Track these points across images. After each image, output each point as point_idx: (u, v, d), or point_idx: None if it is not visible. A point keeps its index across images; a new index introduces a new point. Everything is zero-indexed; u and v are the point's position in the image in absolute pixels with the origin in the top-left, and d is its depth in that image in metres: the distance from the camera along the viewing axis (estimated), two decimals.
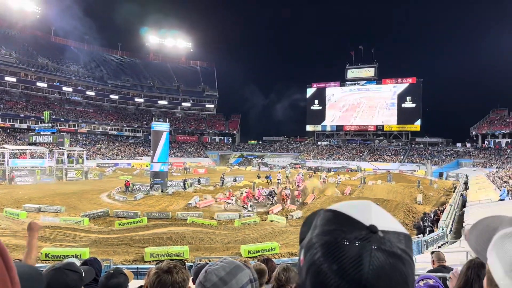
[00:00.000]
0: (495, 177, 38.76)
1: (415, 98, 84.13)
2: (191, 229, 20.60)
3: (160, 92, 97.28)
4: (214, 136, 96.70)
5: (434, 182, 45.86)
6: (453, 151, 73.86)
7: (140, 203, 30.55)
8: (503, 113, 75.17)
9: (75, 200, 29.98)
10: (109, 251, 16.43)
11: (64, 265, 2.12)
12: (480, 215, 8.21)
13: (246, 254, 16.09)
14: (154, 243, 17.46)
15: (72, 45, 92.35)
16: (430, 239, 17.02)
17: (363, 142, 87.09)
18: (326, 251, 0.67)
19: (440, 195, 37.48)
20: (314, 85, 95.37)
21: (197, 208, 27.96)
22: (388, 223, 0.71)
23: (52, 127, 53.52)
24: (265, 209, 28.34)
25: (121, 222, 22.29)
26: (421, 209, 27.52)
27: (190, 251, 16.22)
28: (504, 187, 28.25)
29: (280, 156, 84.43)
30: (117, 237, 18.80)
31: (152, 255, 15.34)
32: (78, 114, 78.16)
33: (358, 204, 0.75)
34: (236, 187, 40.04)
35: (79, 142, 69.41)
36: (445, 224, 19.28)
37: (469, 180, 42.39)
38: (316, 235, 0.70)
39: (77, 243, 17.43)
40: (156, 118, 42.11)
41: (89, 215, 23.76)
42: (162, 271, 1.81)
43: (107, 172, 53.87)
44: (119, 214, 24.99)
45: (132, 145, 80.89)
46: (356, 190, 37.96)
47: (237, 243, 18.25)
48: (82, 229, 20.33)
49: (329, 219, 0.71)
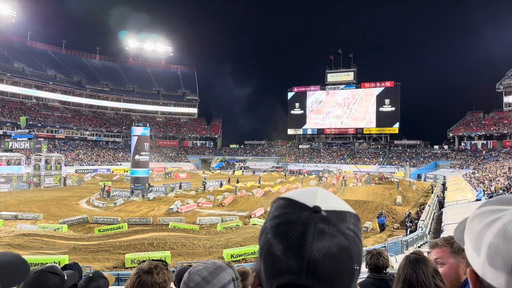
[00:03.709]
0: (472, 178, 39.68)
1: (393, 102, 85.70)
2: (172, 234, 20.43)
3: (140, 96, 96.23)
4: (196, 141, 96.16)
5: (412, 184, 46.68)
6: (430, 153, 75.35)
7: (120, 209, 30.14)
8: (478, 115, 77.14)
9: (53, 207, 29.40)
10: (89, 258, 16.16)
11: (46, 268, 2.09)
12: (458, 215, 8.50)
13: (229, 258, 16.05)
14: (135, 249, 17.25)
15: (49, 50, 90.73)
16: (410, 239, 17.29)
17: (343, 145, 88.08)
18: (275, 232, 0.72)
19: (419, 196, 38.16)
20: (295, 89, 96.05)
21: (179, 213, 27.76)
22: (333, 204, 0.76)
23: (28, 132, 52.42)
24: (247, 212, 28.31)
25: (101, 229, 21.98)
26: (400, 210, 27.96)
27: (172, 257, 16.08)
28: (480, 188, 28.95)
29: (262, 159, 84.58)
30: (97, 243, 18.48)
31: (133, 261, 15.13)
32: (55, 120, 76.62)
33: (306, 190, 0.80)
34: (218, 191, 39.92)
35: (57, 148, 68.07)
36: (425, 224, 19.63)
37: (447, 181, 43.28)
38: (269, 219, 0.75)
39: (56, 251, 17.08)
40: (136, 123, 41.59)
41: (68, 222, 23.34)
42: (143, 271, 1.80)
43: (86, 178, 52.90)
44: (99, 220, 24.63)
45: (112, 150, 79.75)
46: (337, 192, 38.30)
47: (220, 248, 18.18)
48: (61, 236, 19.92)
49: (280, 205, 0.77)
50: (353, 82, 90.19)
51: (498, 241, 0.72)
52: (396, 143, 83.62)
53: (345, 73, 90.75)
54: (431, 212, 23.96)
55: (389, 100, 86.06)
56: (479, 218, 0.80)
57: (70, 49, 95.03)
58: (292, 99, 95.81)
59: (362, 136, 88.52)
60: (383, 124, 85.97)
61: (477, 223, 0.79)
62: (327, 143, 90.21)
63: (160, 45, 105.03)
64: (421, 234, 18.25)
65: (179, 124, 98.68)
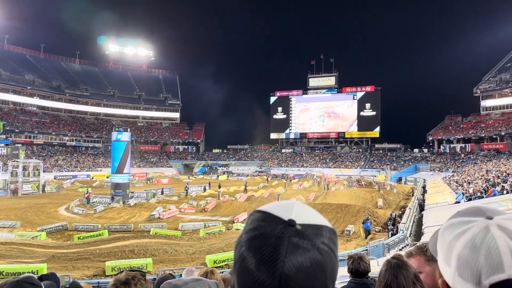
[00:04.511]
0: (451, 181, 40.44)
1: (374, 106, 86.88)
2: (154, 241, 20.19)
3: (120, 101, 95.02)
4: (178, 145, 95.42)
5: (393, 187, 47.28)
6: (411, 156, 76.55)
7: (100, 215, 29.68)
8: (457, 119, 78.80)
9: (31, 215, 28.76)
10: (68, 266, 15.82)
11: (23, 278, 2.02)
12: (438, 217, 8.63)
13: (212, 264, 15.93)
14: (115, 257, 16.97)
15: (28, 54, 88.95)
16: (391, 242, 17.47)
17: (325, 149, 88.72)
18: (249, 245, 0.71)
19: (399, 199, 38.66)
20: (277, 94, 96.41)
21: (160, 219, 27.48)
22: (309, 217, 0.75)
23: (6, 138, 51.27)
24: (230, 217, 28.19)
25: (80, 236, 21.62)
26: (382, 213, 28.26)
27: (154, 264, 15.88)
28: (460, 190, 29.52)
29: (245, 164, 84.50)
30: (76, 251, 18.12)
31: (113, 269, 14.87)
32: (34, 125, 75.01)
33: (282, 203, 0.79)
34: (201, 196, 39.70)
35: (35, 154, 66.61)
36: (405, 227, 19.87)
37: (427, 184, 43.98)
38: (244, 232, 0.75)
39: (34, 259, 16.68)
40: (117, 128, 41.07)
41: (47, 230, 22.88)
42: (120, 282, 1.75)
43: (65, 185, 51.89)
44: (78, 227, 24.21)
45: (92, 156, 78.49)
46: (320, 196, 38.53)
47: (202, 253, 18.05)
48: (39, 244, 19.48)
49: (255, 218, 0.76)
50: (335, 86, 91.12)
51: (466, 252, 0.75)
52: (377, 147, 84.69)
53: (326, 77, 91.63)
54: (412, 215, 24.29)
55: (370, 104, 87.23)
56: (450, 230, 0.82)
57: (49, 53, 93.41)
58: (275, 103, 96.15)
59: (344, 140, 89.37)
60: (364, 128, 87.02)
61: (448, 235, 0.81)
62: (309, 147, 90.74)
63: (141, 49, 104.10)
64: (402, 237, 18.46)
65: (161, 129, 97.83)
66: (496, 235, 0.75)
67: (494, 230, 0.76)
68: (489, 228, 0.77)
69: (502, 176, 32.14)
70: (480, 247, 0.74)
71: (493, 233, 0.76)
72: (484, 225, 0.78)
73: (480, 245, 0.74)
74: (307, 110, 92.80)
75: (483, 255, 0.73)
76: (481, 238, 0.75)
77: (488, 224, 0.78)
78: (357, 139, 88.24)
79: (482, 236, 0.76)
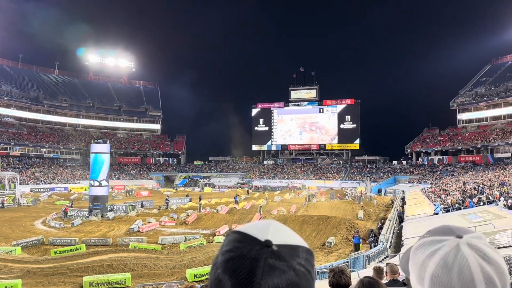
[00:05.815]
0: (429, 192, 41.12)
1: (354, 118, 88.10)
2: (133, 255, 19.83)
3: (100, 112, 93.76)
4: (159, 157, 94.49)
5: (373, 198, 47.75)
6: (390, 168, 77.68)
7: (78, 229, 29.06)
8: (434, 132, 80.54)
9: (6, 228, 27.97)
10: (44, 282, 15.36)
11: None
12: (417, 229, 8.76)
13: (192, 279, 15.72)
14: (93, 272, 16.57)
15: (5, 64, 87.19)
16: (371, 253, 17.59)
17: (307, 161, 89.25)
18: (225, 266, 0.71)
19: (379, 211, 39.06)
20: (259, 106, 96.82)
21: (140, 233, 27.06)
22: (285, 238, 0.75)
23: None
24: (211, 230, 27.95)
25: (57, 250, 21.11)
26: (362, 224, 28.46)
27: (133, 278, 15.58)
28: (438, 202, 30.02)
29: (227, 176, 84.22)
30: (52, 266, 17.62)
31: (91, 284, 14.54)
32: (10, 136, 73.23)
33: (259, 223, 0.79)
34: (181, 209, 39.29)
35: (11, 166, 65.04)
36: (385, 239, 20.04)
37: (406, 195, 44.59)
38: (221, 254, 0.74)
39: (8, 275, 16.14)
40: (96, 139, 40.48)
41: (22, 244, 22.26)
42: None
43: (42, 198, 50.61)
44: (55, 241, 23.65)
45: (70, 168, 77.01)
46: (301, 208, 38.60)
47: (183, 267, 17.79)
48: (14, 259, 18.92)
49: (232, 239, 0.75)
50: (316, 99, 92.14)
51: (439, 271, 0.76)
52: (357, 159, 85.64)
53: (307, 90, 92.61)
54: (392, 226, 24.53)
55: (350, 117, 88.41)
56: (422, 249, 0.83)
57: (27, 64, 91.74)
58: (257, 115, 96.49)
59: (325, 152, 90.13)
60: (344, 140, 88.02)
61: (420, 254, 0.83)
62: (291, 159, 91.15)
63: (122, 60, 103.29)
64: (382, 249, 18.61)
65: (141, 140, 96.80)
66: (467, 254, 0.77)
67: (464, 249, 0.78)
68: (459, 247, 0.79)
69: (479, 188, 32.88)
70: (452, 266, 0.76)
71: (464, 251, 0.78)
72: (455, 244, 0.80)
73: (452, 264, 0.76)
74: (289, 122, 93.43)
75: (455, 273, 0.75)
76: (452, 257, 0.77)
77: (459, 243, 0.80)
78: (338, 151, 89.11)
79: (454, 254, 0.78)
